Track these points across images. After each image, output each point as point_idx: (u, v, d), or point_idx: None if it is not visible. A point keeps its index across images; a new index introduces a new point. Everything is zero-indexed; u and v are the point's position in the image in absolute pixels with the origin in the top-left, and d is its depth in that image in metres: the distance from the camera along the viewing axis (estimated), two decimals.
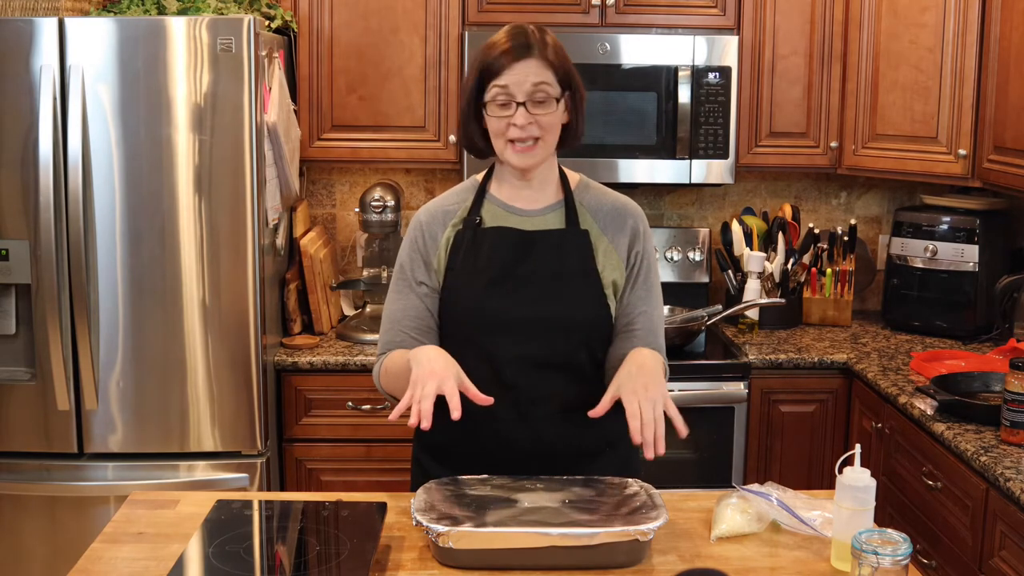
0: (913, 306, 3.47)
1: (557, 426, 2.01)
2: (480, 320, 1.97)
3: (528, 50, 1.93)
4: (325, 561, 1.66)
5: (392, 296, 2.08)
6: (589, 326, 2.01)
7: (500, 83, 1.92)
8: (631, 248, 2.05)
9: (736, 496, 1.91)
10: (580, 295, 1.99)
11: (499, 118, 1.94)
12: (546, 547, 1.69)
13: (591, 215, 2.05)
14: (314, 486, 3.17)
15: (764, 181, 3.81)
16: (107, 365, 2.91)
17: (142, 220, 2.87)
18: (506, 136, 1.95)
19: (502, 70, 1.92)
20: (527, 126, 1.93)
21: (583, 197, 2.07)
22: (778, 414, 3.22)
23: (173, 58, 2.81)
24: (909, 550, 1.54)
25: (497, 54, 1.93)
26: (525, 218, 2.04)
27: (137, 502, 2.00)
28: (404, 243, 2.09)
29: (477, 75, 1.96)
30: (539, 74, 1.92)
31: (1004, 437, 2.42)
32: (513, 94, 1.92)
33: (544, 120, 1.94)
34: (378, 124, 3.41)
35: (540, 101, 1.93)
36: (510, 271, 1.99)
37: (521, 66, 1.92)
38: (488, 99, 1.94)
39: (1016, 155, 2.91)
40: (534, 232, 2.02)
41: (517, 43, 1.94)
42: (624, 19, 3.39)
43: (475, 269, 2.00)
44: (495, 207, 2.05)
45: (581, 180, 2.11)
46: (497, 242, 2.01)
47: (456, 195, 2.10)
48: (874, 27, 3.34)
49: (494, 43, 1.96)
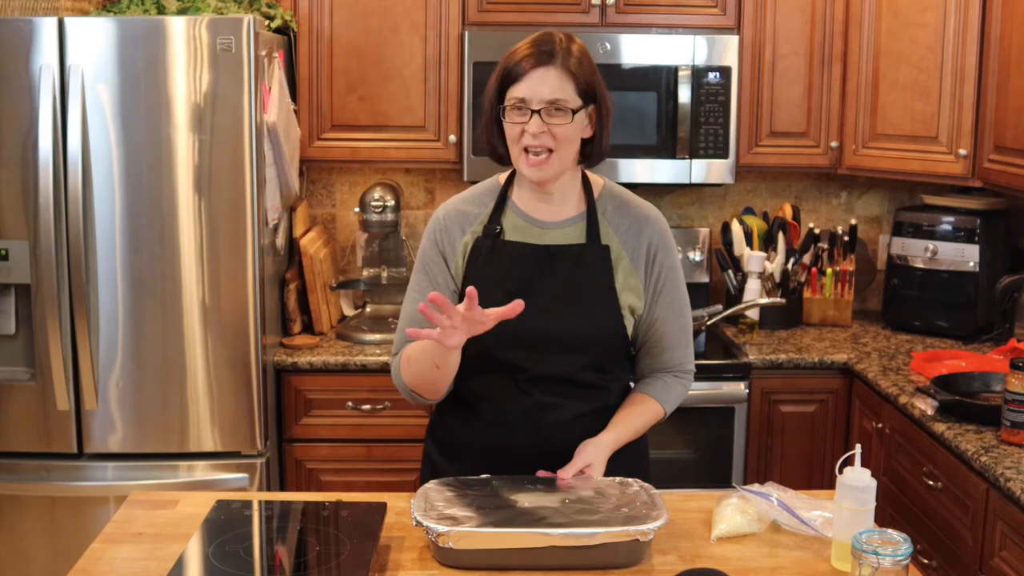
0: (913, 306, 3.47)
1: (567, 433, 2.00)
2: (496, 333, 1.96)
3: (550, 58, 1.90)
4: (325, 561, 1.66)
5: (410, 296, 2.07)
6: (604, 342, 2.01)
7: (517, 93, 1.90)
8: (649, 264, 2.04)
9: (736, 496, 1.91)
10: (597, 312, 1.99)
11: (514, 124, 1.92)
12: (546, 547, 1.69)
13: (613, 229, 2.03)
14: (314, 486, 3.17)
15: (764, 181, 3.80)
16: (107, 365, 2.91)
17: (142, 220, 2.87)
18: (520, 143, 1.93)
19: (521, 76, 1.90)
20: (540, 135, 1.90)
21: (606, 209, 2.05)
22: (778, 414, 3.22)
23: (173, 58, 2.81)
24: (909, 550, 1.54)
25: (518, 60, 1.91)
26: (546, 230, 2.02)
27: (137, 502, 2.00)
28: (423, 240, 2.08)
29: (499, 80, 1.94)
30: (557, 84, 1.89)
31: (1004, 437, 2.42)
32: (528, 103, 1.90)
33: (558, 131, 1.91)
34: (378, 124, 3.40)
35: (556, 110, 1.90)
36: (528, 285, 1.97)
37: (540, 74, 1.89)
38: (506, 104, 1.93)
39: (1016, 155, 2.91)
40: (554, 247, 2.01)
41: (539, 50, 1.91)
42: (624, 19, 3.39)
43: (493, 281, 1.98)
44: (516, 217, 2.03)
45: (605, 187, 2.08)
46: (517, 256, 2.00)
47: (477, 198, 2.07)
48: (874, 27, 3.34)
49: (518, 48, 1.94)
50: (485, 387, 2.02)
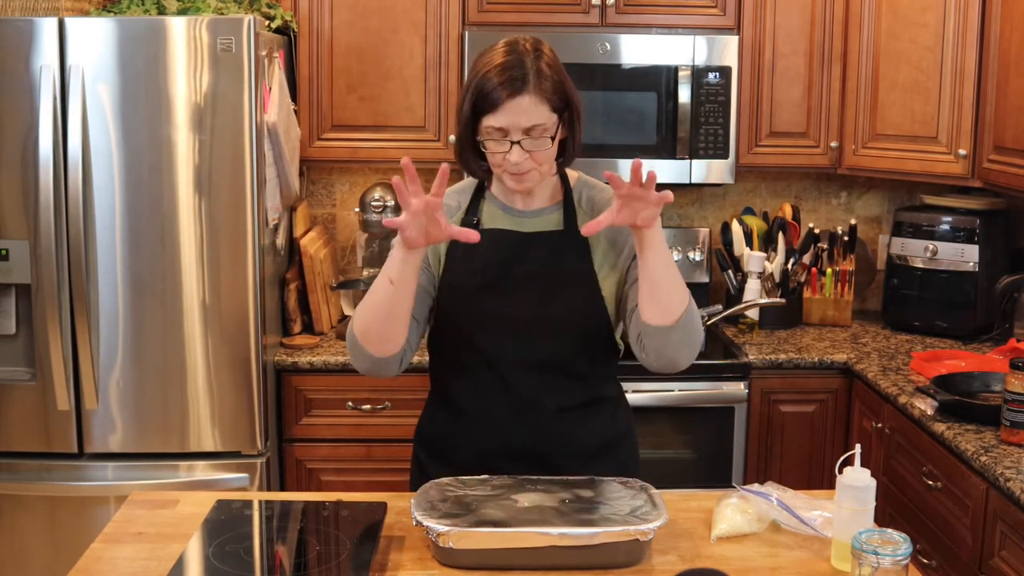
0: (913, 306, 3.47)
1: (555, 426, 2.01)
2: (477, 322, 1.97)
3: (523, 85, 1.87)
4: (325, 561, 1.66)
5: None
6: (586, 328, 2.01)
7: (494, 123, 1.89)
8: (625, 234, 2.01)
9: (736, 496, 1.91)
10: (577, 297, 1.99)
11: (495, 153, 1.92)
12: (546, 547, 1.69)
13: (590, 216, 2.04)
14: (314, 486, 3.17)
15: (764, 181, 3.81)
16: (107, 365, 2.91)
17: (142, 220, 2.87)
18: (502, 168, 1.93)
19: (496, 106, 1.87)
20: (523, 162, 1.90)
21: (582, 197, 2.06)
22: (778, 414, 3.22)
23: (173, 58, 2.81)
24: (909, 550, 1.54)
25: (491, 88, 1.88)
26: (523, 219, 2.03)
27: (137, 502, 2.00)
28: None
29: (472, 105, 1.91)
30: (533, 110, 1.88)
31: (1004, 437, 2.42)
32: (507, 132, 1.89)
33: (540, 155, 1.91)
34: (378, 124, 3.41)
35: (535, 138, 1.90)
36: (507, 273, 1.99)
37: (514, 104, 1.87)
38: (482, 135, 1.92)
39: (1016, 155, 2.91)
40: (531, 234, 2.01)
41: (511, 76, 1.87)
42: (624, 19, 3.39)
43: (472, 270, 1.99)
44: (493, 207, 2.05)
45: (580, 178, 2.09)
46: (494, 243, 2.00)
47: (456, 193, 2.09)
48: (874, 27, 3.34)
49: (488, 71, 1.89)
50: (467, 384, 2.03)
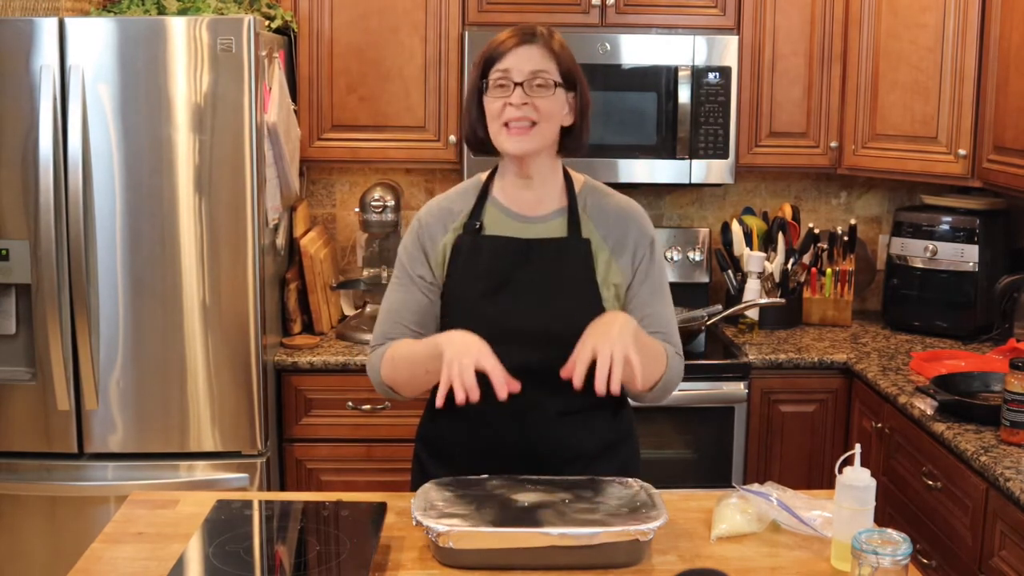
0: (913, 306, 3.47)
1: (556, 429, 2.01)
2: (478, 328, 1.96)
3: (533, 37, 1.95)
4: (325, 561, 1.66)
5: (391, 289, 2.08)
6: None
7: (501, 66, 1.94)
8: (634, 256, 2.04)
9: (736, 496, 1.91)
10: (579, 305, 1.98)
11: (496, 99, 1.94)
12: (546, 547, 1.69)
13: (594, 223, 2.03)
14: (314, 486, 3.17)
15: (764, 181, 3.81)
16: (107, 365, 2.91)
17: (142, 220, 2.87)
18: (502, 118, 1.94)
19: (504, 54, 1.94)
20: (523, 106, 1.92)
21: (587, 203, 2.05)
22: (778, 414, 3.22)
23: (173, 58, 2.81)
24: (909, 550, 1.54)
25: (501, 41, 1.96)
26: (527, 224, 2.02)
27: (137, 502, 2.00)
28: (405, 238, 2.09)
29: (481, 62, 1.97)
30: (540, 60, 1.94)
31: (1004, 437, 2.42)
32: (512, 76, 1.92)
33: (541, 104, 1.93)
34: (378, 124, 3.41)
35: (539, 85, 1.93)
36: (509, 279, 1.98)
37: (523, 50, 1.94)
38: (489, 83, 1.95)
39: (1016, 155, 2.91)
40: (534, 240, 2.01)
41: (522, 31, 1.96)
42: (624, 19, 3.40)
43: (474, 276, 1.99)
44: (497, 211, 2.04)
45: (586, 183, 2.09)
46: (497, 250, 2.00)
47: (459, 196, 2.09)
48: (874, 27, 3.34)
49: (499, 36, 1.99)
50: None
